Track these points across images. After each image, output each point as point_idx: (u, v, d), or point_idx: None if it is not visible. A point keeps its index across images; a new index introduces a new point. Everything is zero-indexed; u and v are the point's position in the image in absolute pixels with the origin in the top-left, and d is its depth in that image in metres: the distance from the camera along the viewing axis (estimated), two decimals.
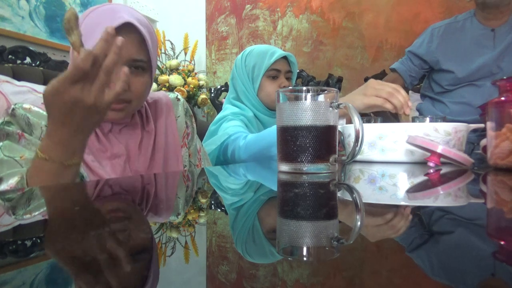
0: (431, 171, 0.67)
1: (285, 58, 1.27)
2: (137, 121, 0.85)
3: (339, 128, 0.90)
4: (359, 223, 0.30)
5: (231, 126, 1.17)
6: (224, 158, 1.14)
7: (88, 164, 0.76)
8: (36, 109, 0.76)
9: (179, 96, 0.98)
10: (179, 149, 0.93)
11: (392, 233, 0.28)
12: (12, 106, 0.75)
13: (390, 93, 0.92)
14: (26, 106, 0.75)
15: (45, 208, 0.39)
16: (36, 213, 0.36)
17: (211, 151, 1.16)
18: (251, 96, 1.28)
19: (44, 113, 0.76)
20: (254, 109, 1.28)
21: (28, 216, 0.34)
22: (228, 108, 1.28)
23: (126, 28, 0.71)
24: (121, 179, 0.69)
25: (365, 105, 0.94)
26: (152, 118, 0.89)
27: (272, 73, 1.25)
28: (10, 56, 1.60)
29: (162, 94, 0.96)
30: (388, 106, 0.92)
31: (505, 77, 0.67)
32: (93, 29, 0.70)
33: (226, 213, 0.36)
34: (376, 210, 0.36)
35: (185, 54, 2.68)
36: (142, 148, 0.84)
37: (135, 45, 0.74)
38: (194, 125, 1.00)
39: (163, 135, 0.89)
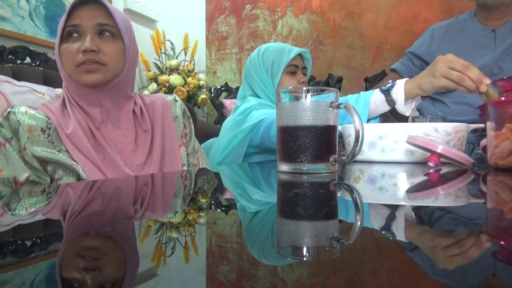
0: (431, 171, 0.67)
1: (299, 55, 1.29)
2: (130, 119, 0.86)
3: (339, 128, 0.90)
4: (359, 223, 0.30)
5: (265, 112, 1.15)
6: (255, 138, 1.13)
7: (86, 161, 0.76)
8: (32, 112, 0.76)
9: (177, 98, 1.00)
10: (178, 148, 0.94)
11: (392, 233, 0.28)
12: (9, 109, 0.76)
13: (460, 77, 0.86)
14: (23, 109, 0.76)
15: (43, 207, 0.39)
16: (33, 212, 0.36)
17: (242, 131, 1.14)
18: (269, 92, 1.27)
19: (40, 115, 0.76)
20: (273, 105, 1.27)
21: (26, 215, 0.34)
22: (252, 100, 1.26)
23: (89, 2, 0.80)
24: (122, 179, 0.69)
25: (436, 88, 0.90)
26: (149, 118, 0.90)
27: (291, 69, 1.26)
28: (10, 56, 1.60)
29: (160, 95, 0.98)
30: (461, 89, 0.87)
31: (505, 77, 0.67)
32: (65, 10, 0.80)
33: (227, 214, 0.36)
34: (376, 210, 0.36)
35: (185, 54, 2.68)
36: (139, 145, 0.86)
37: (100, 12, 0.80)
38: (192, 126, 1.02)
39: (160, 134, 0.90)
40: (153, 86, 2.49)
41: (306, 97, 0.57)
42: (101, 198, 0.44)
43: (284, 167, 0.59)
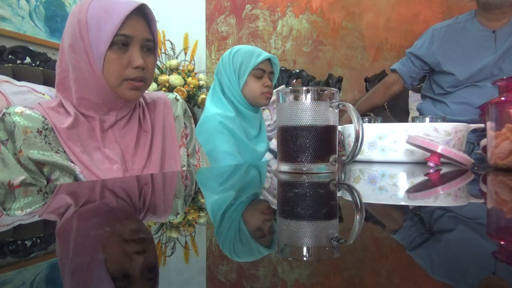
0: (431, 171, 0.67)
1: (268, 60, 1.37)
2: (136, 120, 0.85)
3: (339, 128, 0.90)
4: (359, 223, 0.30)
5: (222, 143, 1.22)
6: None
7: (84, 163, 0.75)
8: (28, 112, 0.74)
9: (178, 97, 0.98)
10: (177, 149, 0.92)
11: (392, 232, 0.28)
12: (4, 111, 0.73)
13: None
14: (18, 110, 0.73)
15: (42, 207, 0.39)
16: (32, 213, 0.36)
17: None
18: (235, 91, 1.36)
19: (37, 116, 0.74)
20: (237, 103, 1.37)
21: (26, 216, 0.34)
22: (209, 109, 1.36)
23: (136, 12, 0.77)
24: (120, 179, 0.69)
25: None
26: (150, 117, 0.89)
27: (257, 73, 1.35)
28: (10, 56, 1.60)
29: (161, 94, 0.96)
30: None
31: (505, 77, 0.67)
32: (108, 13, 0.76)
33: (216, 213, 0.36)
34: (376, 210, 0.36)
35: (185, 54, 2.68)
36: (139, 147, 0.84)
37: (146, 25, 0.80)
38: (193, 125, 1.00)
39: (161, 134, 0.89)
40: (153, 86, 2.49)
41: (306, 97, 0.57)
42: (98, 199, 0.44)
43: (284, 167, 0.59)
